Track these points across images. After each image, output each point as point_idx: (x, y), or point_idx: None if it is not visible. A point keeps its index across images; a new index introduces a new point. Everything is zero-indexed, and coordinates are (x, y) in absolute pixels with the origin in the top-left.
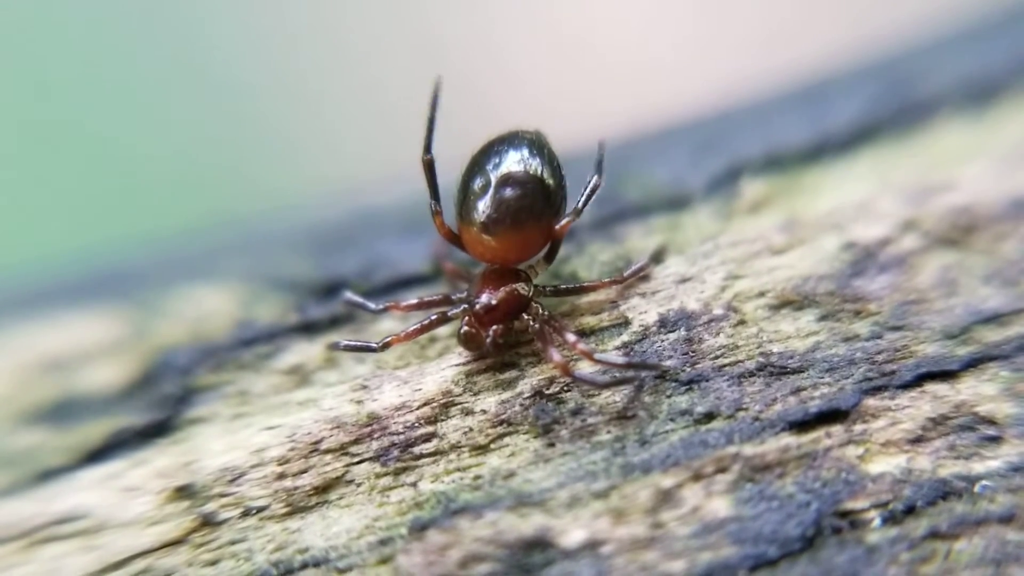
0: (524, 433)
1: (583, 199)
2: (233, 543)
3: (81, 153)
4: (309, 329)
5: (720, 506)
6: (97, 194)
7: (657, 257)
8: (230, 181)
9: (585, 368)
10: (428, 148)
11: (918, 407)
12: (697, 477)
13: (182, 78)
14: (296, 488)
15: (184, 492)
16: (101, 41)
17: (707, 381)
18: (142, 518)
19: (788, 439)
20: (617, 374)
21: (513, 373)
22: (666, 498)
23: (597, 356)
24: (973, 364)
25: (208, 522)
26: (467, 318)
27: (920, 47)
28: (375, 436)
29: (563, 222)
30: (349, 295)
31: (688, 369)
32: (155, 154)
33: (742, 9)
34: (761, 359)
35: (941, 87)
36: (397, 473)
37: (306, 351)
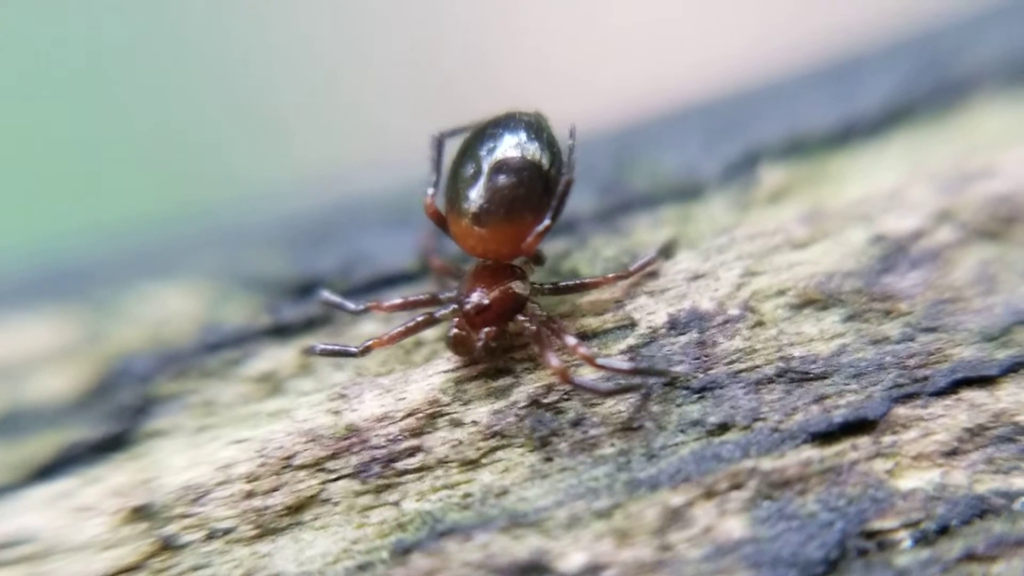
0: (519, 446)
1: (555, 203)
2: (196, 569)
3: (28, 134)
4: (282, 332)
5: (735, 526)
6: (46, 181)
7: (666, 251)
8: (195, 167)
9: (586, 374)
10: (449, 134)
11: (953, 416)
12: (709, 494)
13: (142, 50)
14: (266, 508)
15: (142, 513)
16: (50, 8)
17: (721, 388)
18: (95, 541)
19: (810, 452)
20: (622, 381)
21: (507, 380)
22: (675, 517)
23: (600, 361)
24: (1014, 369)
25: (168, 546)
26: (456, 319)
27: (959, 20)
28: (354, 450)
29: (533, 234)
30: (326, 294)
31: (700, 375)
32: (112, 136)
33: None
34: (781, 364)
35: (981, 64)
36: (378, 491)
37: (278, 356)
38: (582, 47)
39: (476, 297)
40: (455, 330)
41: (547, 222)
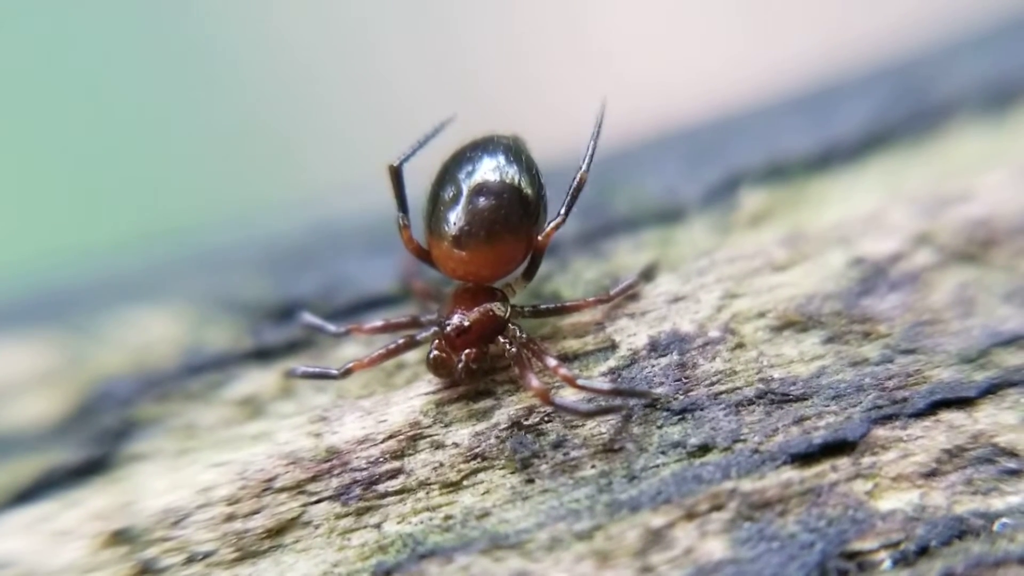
0: (500, 468)
1: (568, 199)
2: None
3: (9, 157)
4: (264, 355)
5: (715, 547)
6: (26, 203)
7: (647, 274)
8: (177, 189)
9: (567, 395)
10: (404, 160)
11: (932, 438)
12: (690, 516)
13: (125, 73)
14: (247, 531)
15: (122, 536)
16: (31, 27)
17: (702, 410)
18: (75, 566)
19: (790, 473)
20: (603, 402)
21: (488, 402)
22: (656, 539)
23: (581, 382)
24: (992, 390)
25: (148, 569)
26: (437, 341)
27: (935, 47)
28: (335, 472)
29: (547, 229)
30: (307, 317)
31: (681, 397)
32: (92, 157)
33: (742, 4)
34: (761, 386)
35: (957, 90)
36: (359, 513)
37: (260, 379)
38: (565, 72)
39: (456, 319)
40: (436, 352)
41: (561, 217)
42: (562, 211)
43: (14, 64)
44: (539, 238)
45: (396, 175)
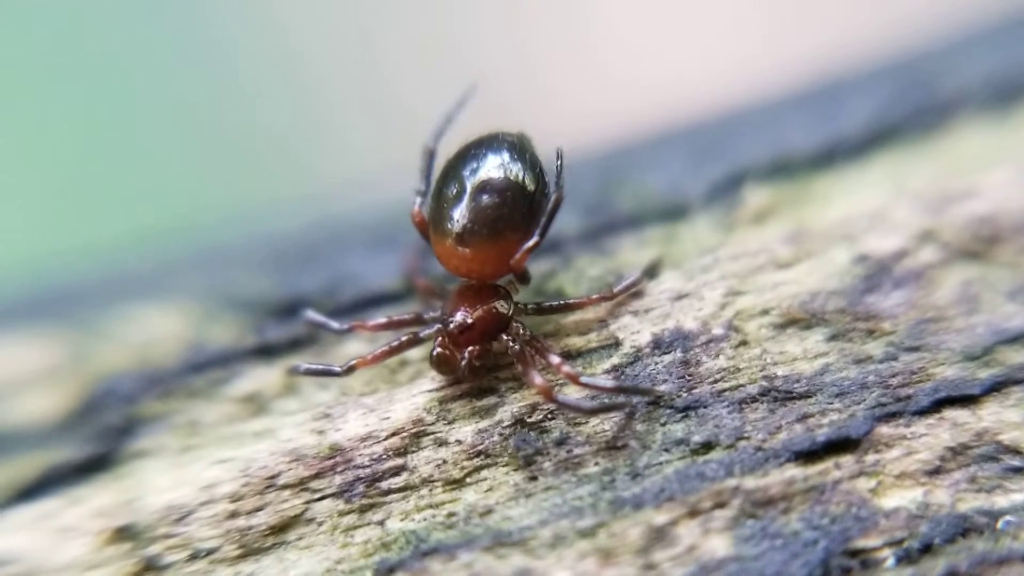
0: (503, 465)
1: (544, 220)
2: None
3: (13, 155)
4: (267, 352)
5: (718, 545)
6: (29, 201)
7: (651, 272)
8: (180, 187)
9: (571, 393)
10: (438, 138)
11: (936, 435)
12: (693, 513)
13: (126, 66)
14: (250, 528)
15: (125, 533)
16: (33, 29)
17: (705, 407)
18: (78, 562)
19: (793, 471)
20: (606, 400)
21: (491, 399)
22: (659, 536)
23: (584, 380)
24: (996, 388)
25: (152, 566)
26: (440, 338)
27: (940, 43)
28: (338, 470)
29: (522, 251)
30: (311, 314)
31: (684, 394)
32: (96, 155)
33: (747, 1)
34: (764, 383)
35: (962, 87)
36: (362, 510)
37: (263, 376)
38: (569, 69)
39: (460, 316)
40: (439, 349)
41: (536, 239)
42: (537, 233)
43: (18, 63)
44: (513, 260)
45: (429, 156)
